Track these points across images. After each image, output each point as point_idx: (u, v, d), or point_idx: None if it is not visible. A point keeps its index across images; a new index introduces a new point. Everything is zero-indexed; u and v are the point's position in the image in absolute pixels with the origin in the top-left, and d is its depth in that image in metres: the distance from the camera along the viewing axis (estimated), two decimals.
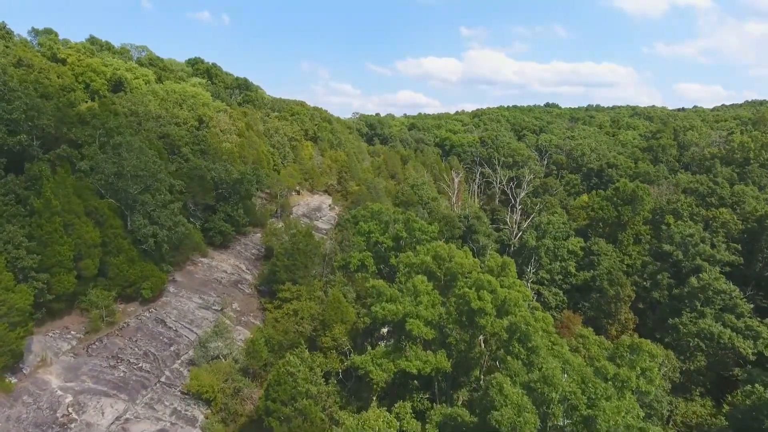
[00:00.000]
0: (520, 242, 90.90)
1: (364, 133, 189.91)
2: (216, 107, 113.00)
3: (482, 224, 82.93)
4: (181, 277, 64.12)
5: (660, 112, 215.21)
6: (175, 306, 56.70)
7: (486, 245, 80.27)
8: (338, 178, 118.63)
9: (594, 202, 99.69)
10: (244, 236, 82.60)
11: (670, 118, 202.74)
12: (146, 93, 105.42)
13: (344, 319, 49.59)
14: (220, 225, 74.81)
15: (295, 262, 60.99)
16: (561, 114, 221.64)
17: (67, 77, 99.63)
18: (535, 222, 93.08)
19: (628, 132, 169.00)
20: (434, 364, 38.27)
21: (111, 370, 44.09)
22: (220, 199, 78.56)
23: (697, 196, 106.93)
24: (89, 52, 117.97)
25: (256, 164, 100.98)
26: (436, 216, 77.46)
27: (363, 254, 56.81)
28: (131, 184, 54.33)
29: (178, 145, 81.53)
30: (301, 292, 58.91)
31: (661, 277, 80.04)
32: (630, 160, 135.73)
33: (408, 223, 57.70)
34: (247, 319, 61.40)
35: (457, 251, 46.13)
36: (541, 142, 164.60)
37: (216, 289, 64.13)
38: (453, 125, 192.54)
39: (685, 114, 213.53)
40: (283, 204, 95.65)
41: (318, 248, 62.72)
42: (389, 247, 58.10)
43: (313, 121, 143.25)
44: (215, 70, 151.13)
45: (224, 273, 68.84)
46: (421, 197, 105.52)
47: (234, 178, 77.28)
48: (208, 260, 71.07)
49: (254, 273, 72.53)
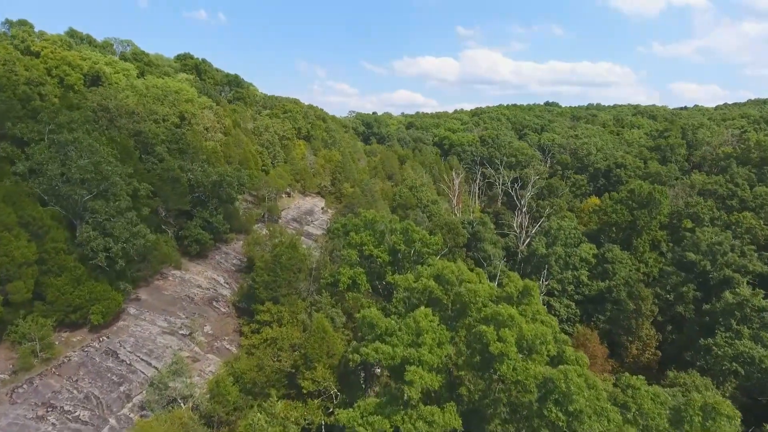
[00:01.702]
0: (528, 250, 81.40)
1: (361, 132, 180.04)
2: (201, 104, 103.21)
3: (488, 231, 73.40)
4: (146, 294, 54.46)
5: (663, 110, 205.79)
6: (132, 332, 47.03)
7: (493, 254, 70.77)
8: (332, 179, 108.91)
9: (607, 206, 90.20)
10: (226, 244, 72.97)
11: (674, 117, 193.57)
12: (124, 88, 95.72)
13: (330, 352, 40.05)
14: (196, 233, 65.19)
15: (276, 279, 51.40)
16: (562, 112, 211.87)
17: (38, 70, 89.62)
18: (544, 227, 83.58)
19: (633, 131, 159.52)
20: (442, 426, 28.77)
21: (37, 424, 34.46)
22: (197, 203, 68.98)
23: (716, 199, 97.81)
24: (66, 44, 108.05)
25: (242, 164, 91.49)
26: (438, 222, 67.97)
27: (354, 270, 47.23)
28: (78, 189, 44.63)
29: (152, 144, 71.86)
30: (282, 314, 49.35)
31: (686, 290, 70.59)
32: (638, 159, 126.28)
33: (407, 234, 48.22)
34: (221, 345, 51.76)
35: (468, 273, 36.62)
36: (543, 141, 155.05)
37: (186, 308, 54.47)
38: (452, 124, 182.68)
39: (688, 112, 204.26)
40: (270, 208, 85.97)
41: (304, 262, 53.11)
42: (385, 262, 48.58)
43: (307, 120, 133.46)
44: (204, 66, 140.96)
45: (198, 288, 59.18)
46: (420, 200, 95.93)
47: (212, 180, 67.66)
48: (182, 273, 61.40)
49: (234, 287, 62.87)
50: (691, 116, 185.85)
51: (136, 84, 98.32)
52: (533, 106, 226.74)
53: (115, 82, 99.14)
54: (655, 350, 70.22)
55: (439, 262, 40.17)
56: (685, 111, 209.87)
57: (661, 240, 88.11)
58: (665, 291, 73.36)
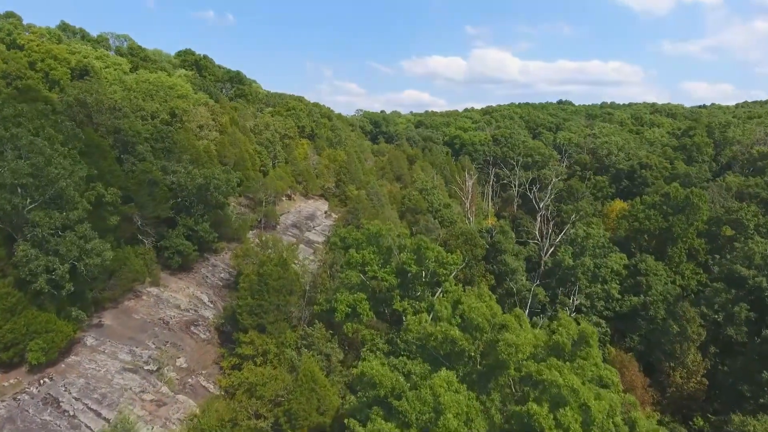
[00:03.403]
0: (552, 260, 71.25)
1: (368, 131, 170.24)
2: (197, 100, 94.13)
3: (509, 241, 63.44)
4: (111, 318, 45.22)
5: (682, 109, 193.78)
6: (84, 371, 37.79)
7: (515, 269, 60.81)
8: (336, 180, 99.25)
9: (638, 211, 79.76)
10: (215, 254, 63.70)
11: (694, 115, 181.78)
12: (112, 82, 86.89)
13: (321, 408, 30.51)
14: (178, 243, 55.90)
15: (262, 303, 41.92)
16: (576, 111, 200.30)
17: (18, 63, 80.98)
18: (569, 235, 73.36)
19: (654, 129, 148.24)
20: None
21: None
22: (181, 209, 59.77)
23: (759, 203, 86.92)
24: (56, 38, 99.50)
25: (238, 165, 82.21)
26: (453, 232, 58.17)
27: (354, 296, 37.66)
28: (14, 196, 35.42)
29: (133, 143, 62.73)
30: (268, 347, 39.89)
31: (737, 310, 60.12)
32: (664, 159, 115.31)
33: (419, 251, 38.49)
34: (196, 381, 42.35)
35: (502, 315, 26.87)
36: (559, 140, 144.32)
37: (158, 335, 45.14)
38: (463, 122, 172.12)
39: (708, 110, 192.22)
40: (267, 212, 76.58)
41: (296, 282, 43.58)
42: (393, 286, 38.93)
43: (311, 117, 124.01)
44: (205, 62, 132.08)
45: (176, 309, 49.83)
46: (431, 204, 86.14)
47: (197, 183, 58.37)
48: (159, 291, 52.16)
49: (219, 306, 53.52)
50: (712, 114, 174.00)
51: (125, 79, 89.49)
52: (546, 104, 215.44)
53: (104, 77, 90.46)
54: (701, 378, 60.00)
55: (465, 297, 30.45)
56: (705, 109, 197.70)
57: (699, 249, 77.48)
58: (712, 310, 62.84)
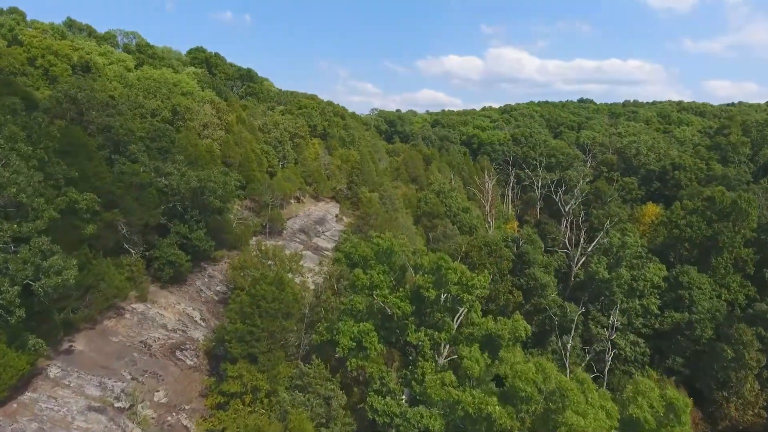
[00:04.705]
0: (585, 272, 63.23)
1: (383, 130, 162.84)
2: (203, 97, 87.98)
3: (537, 251, 55.66)
4: (85, 342, 38.78)
5: (710, 107, 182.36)
6: (40, 412, 31.30)
7: (546, 284, 53.02)
8: (348, 181, 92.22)
9: (677, 217, 71.24)
10: (214, 264, 57.24)
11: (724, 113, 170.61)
12: (112, 78, 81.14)
13: None
14: (169, 253, 49.32)
15: (253, 329, 35.04)
16: (598, 109, 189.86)
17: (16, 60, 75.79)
18: (602, 244, 65.21)
19: (684, 128, 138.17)
20: None
21: None
22: (174, 215, 53.29)
23: None
24: (59, 33, 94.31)
25: (243, 166, 75.76)
26: (475, 242, 50.57)
27: (360, 327, 30.47)
28: None
29: (125, 142, 56.52)
30: (259, 383, 32.97)
31: None
32: (699, 160, 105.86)
33: (439, 272, 31.07)
34: (177, 421, 35.60)
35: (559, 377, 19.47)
36: (582, 140, 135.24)
37: (137, 362, 38.56)
38: (480, 121, 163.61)
39: (738, 108, 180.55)
40: (273, 216, 69.87)
41: (294, 305, 36.60)
42: (407, 314, 31.62)
43: (324, 116, 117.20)
44: (216, 60, 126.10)
45: (161, 330, 43.28)
46: (449, 207, 78.60)
47: (192, 187, 51.82)
48: (146, 306, 45.69)
49: (213, 324, 46.85)
50: (742, 112, 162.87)
51: (126, 75, 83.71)
52: (566, 102, 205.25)
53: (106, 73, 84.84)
54: (759, 410, 51.67)
55: (506, 353, 23.00)
56: (735, 107, 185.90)
57: (747, 260, 68.65)
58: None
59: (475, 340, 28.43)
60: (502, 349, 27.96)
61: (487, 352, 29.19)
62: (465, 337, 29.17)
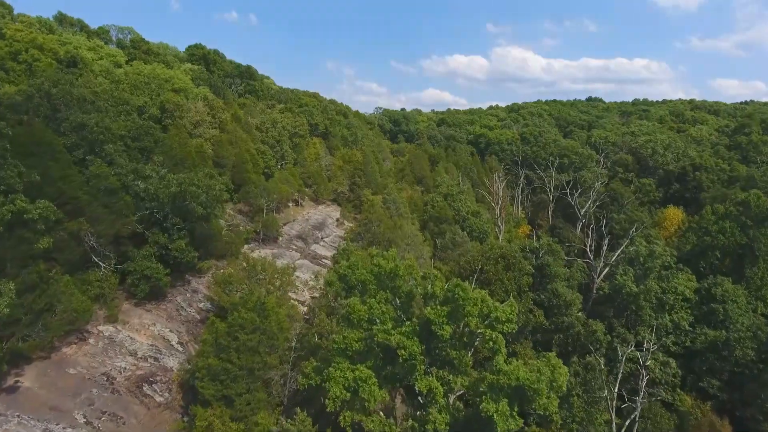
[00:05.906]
0: (609, 285, 56.36)
1: (388, 129, 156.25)
2: (197, 94, 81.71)
3: (559, 263, 48.92)
4: (35, 377, 32.50)
5: (724, 105, 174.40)
6: None
7: (571, 302, 46.27)
8: (350, 183, 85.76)
9: (708, 222, 64.28)
10: (199, 276, 50.86)
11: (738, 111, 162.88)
12: (98, 74, 75.00)
13: None
14: (144, 266, 43.06)
15: (229, 366, 28.58)
16: (608, 108, 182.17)
17: None
18: (627, 253, 58.36)
19: (700, 127, 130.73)
20: None
21: None
22: (153, 223, 46.99)
23: None
24: (47, 28, 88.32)
25: (237, 167, 69.54)
26: (491, 254, 43.90)
27: (357, 373, 23.85)
28: None
29: (100, 141, 50.35)
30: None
31: None
32: (720, 160, 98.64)
33: (454, 302, 24.37)
34: None
35: None
36: (594, 139, 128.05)
37: (95, 400, 32.23)
38: (487, 120, 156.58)
39: (753, 107, 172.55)
40: (266, 222, 63.51)
41: (278, 337, 30.08)
42: (414, 354, 24.94)
43: (326, 115, 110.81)
44: (214, 56, 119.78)
45: (129, 358, 36.93)
46: (457, 211, 71.92)
47: (171, 192, 45.47)
48: (114, 329, 39.43)
49: (191, 349, 40.52)
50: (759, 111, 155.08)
51: (114, 71, 77.62)
52: (575, 101, 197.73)
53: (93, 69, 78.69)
54: None
55: None
56: (749, 105, 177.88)
57: None
58: None
59: (502, 392, 21.97)
60: (535, 403, 21.62)
61: (516, 404, 22.76)
62: (488, 384, 22.66)
